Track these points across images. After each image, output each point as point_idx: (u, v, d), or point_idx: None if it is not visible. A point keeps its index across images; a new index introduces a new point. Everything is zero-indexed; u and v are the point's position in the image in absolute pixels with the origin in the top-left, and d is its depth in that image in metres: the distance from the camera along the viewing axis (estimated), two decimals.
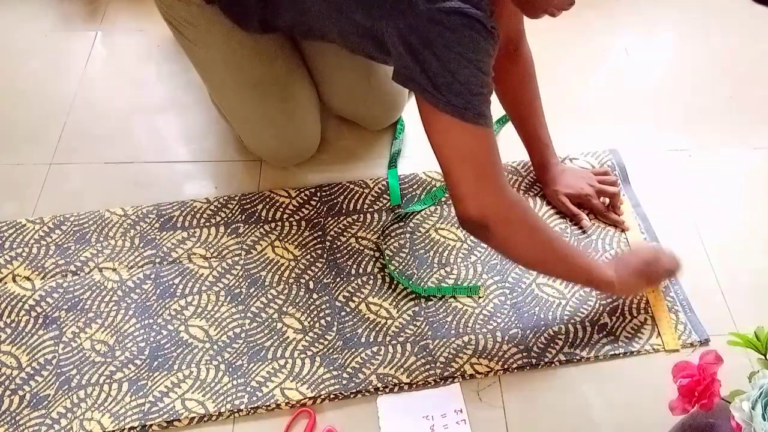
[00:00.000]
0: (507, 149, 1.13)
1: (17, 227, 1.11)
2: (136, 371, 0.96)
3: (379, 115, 1.24)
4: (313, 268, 1.07)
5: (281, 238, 1.11)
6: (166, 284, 1.05)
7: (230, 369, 0.97)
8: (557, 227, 1.11)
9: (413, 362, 0.97)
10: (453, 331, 1.00)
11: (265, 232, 1.11)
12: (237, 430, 0.93)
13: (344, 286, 1.05)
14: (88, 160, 1.23)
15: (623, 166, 1.20)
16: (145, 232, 1.11)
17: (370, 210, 1.14)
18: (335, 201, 1.15)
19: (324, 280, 1.06)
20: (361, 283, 1.05)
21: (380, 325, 1.01)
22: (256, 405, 0.93)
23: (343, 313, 1.02)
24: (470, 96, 0.79)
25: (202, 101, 1.31)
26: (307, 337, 1.00)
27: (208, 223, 1.12)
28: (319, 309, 1.03)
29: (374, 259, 1.08)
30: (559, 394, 0.95)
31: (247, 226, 1.12)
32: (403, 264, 1.08)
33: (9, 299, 1.03)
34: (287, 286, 1.05)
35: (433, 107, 0.80)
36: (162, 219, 1.13)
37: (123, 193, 1.17)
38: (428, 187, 1.17)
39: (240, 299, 1.04)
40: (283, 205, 1.14)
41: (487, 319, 1.01)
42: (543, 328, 1.00)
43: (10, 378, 0.96)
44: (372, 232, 1.11)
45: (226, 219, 1.13)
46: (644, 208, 1.14)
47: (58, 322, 1.01)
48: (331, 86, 1.19)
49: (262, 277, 1.06)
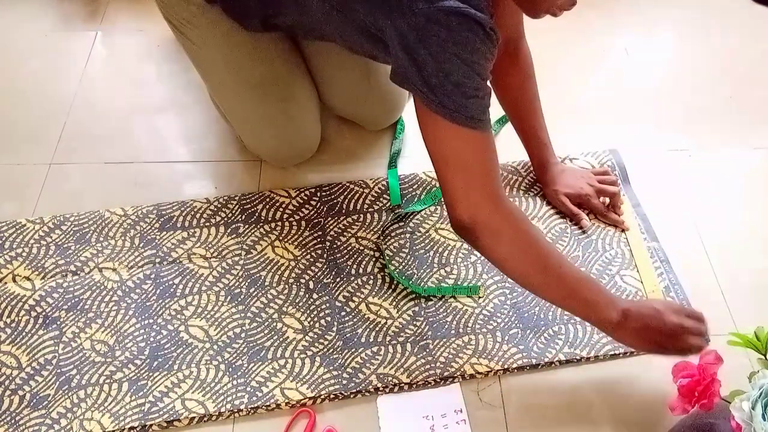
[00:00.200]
0: (507, 149, 1.14)
1: (17, 227, 1.11)
2: (136, 371, 0.96)
3: (379, 115, 1.24)
4: (313, 268, 1.07)
5: (281, 238, 1.11)
6: (166, 284, 1.05)
7: (230, 369, 0.97)
8: (557, 227, 1.11)
9: (413, 362, 0.97)
10: (453, 331, 1.00)
11: (265, 232, 1.11)
12: (237, 430, 0.93)
13: (344, 286, 1.05)
14: (88, 160, 1.23)
15: (623, 166, 1.20)
16: (145, 232, 1.11)
17: (370, 210, 1.14)
18: (335, 201, 1.15)
19: (324, 280, 1.06)
20: (361, 283, 1.05)
21: (380, 325, 1.01)
22: (256, 405, 0.93)
23: (343, 313, 1.02)
24: (464, 99, 0.78)
25: (202, 101, 1.31)
26: (307, 337, 1.00)
27: (208, 223, 1.12)
28: (319, 309, 1.03)
29: (374, 259, 1.08)
30: (559, 394, 0.95)
31: (247, 226, 1.12)
32: (403, 264, 1.08)
33: (9, 299, 1.03)
34: (287, 286, 1.05)
35: (427, 108, 0.79)
36: (162, 219, 1.13)
37: (123, 193, 1.17)
38: (428, 187, 1.17)
39: (240, 299, 1.04)
40: (283, 205, 1.14)
41: (487, 319, 1.01)
42: (543, 328, 1.00)
43: (10, 378, 0.96)
44: (372, 232, 1.11)
45: (226, 219, 1.13)
46: (644, 208, 1.14)
47: (58, 322, 1.01)
48: (331, 86, 1.19)
49: (262, 277, 1.06)
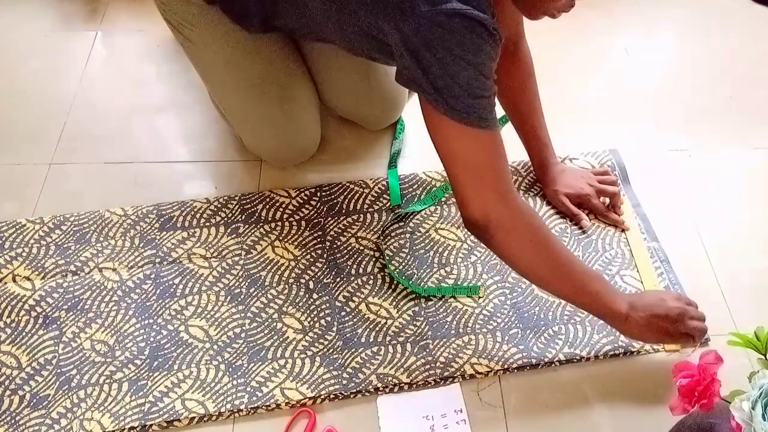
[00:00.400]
0: (507, 149, 1.13)
1: (17, 227, 1.11)
2: (136, 371, 0.96)
3: (379, 116, 1.24)
4: (313, 268, 1.07)
5: (281, 238, 1.11)
6: (166, 284, 1.05)
7: (230, 369, 0.97)
8: (557, 227, 1.11)
9: (413, 362, 0.97)
10: (453, 331, 1.00)
11: (265, 232, 1.11)
12: (237, 430, 0.93)
13: (344, 286, 1.05)
14: (88, 160, 1.23)
15: (623, 166, 1.20)
16: (145, 232, 1.11)
17: (370, 210, 1.14)
18: (335, 201, 1.15)
19: (324, 280, 1.06)
20: (361, 283, 1.05)
21: (380, 325, 1.01)
22: (256, 405, 0.93)
23: (343, 313, 1.02)
24: (471, 99, 0.78)
25: (202, 101, 1.31)
26: (307, 337, 1.00)
27: (208, 223, 1.12)
28: (319, 309, 1.03)
29: (374, 259, 1.08)
30: (559, 394, 0.95)
31: (247, 226, 1.12)
32: (403, 264, 1.08)
33: (9, 299, 1.03)
34: (287, 286, 1.05)
35: (434, 110, 0.80)
36: (162, 219, 1.13)
37: (123, 193, 1.17)
38: (428, 187, 1.17)
39: (240, 299, 1.04)
40: (283, 205, 1.14)
41: (487, 319, 1.01)
42: (543, 328, 1.00)
43: (10, 378, 0.96)
44: (372, 232, 1.11)
45: (226, 219, 1.13)
46: (644, 208, 1.14)
47: (58, 322, 1.01)
48: (331, 86, 1.19)
49: (262, 277, 1.06)
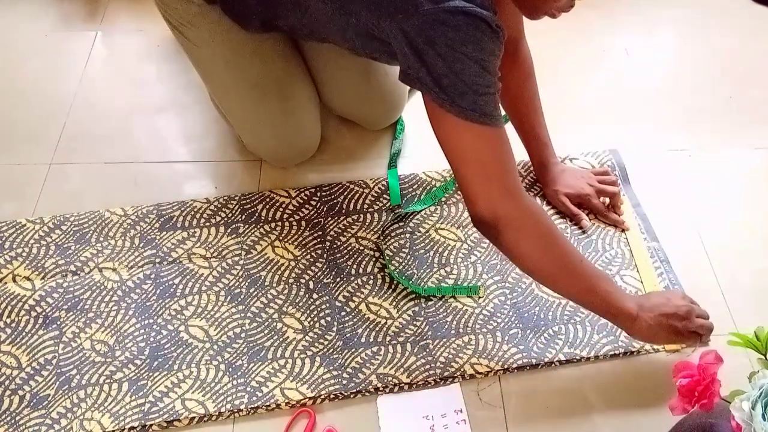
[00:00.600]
0: None
1: (17, 227, 1.11)
2: (136, 371, 0.96)
3: (379, 115, 1.24)
4: (313, 268, 1.07)
5: (281, 238, 1.11)
6: (166, 284, 1.05)
7: (230, 369, 0.97)
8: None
9: (413, 362, 0.97)
10: (453, 331, 1.00)
11: (265, 232, 1.11)
12: (237, 430, 0.93)
13: (344, 286, 1.05)
14: (88, 160, 1.23)
15: (623, 166, 1.20)
16: (145, 232, 1.11)
17: (370, 210, 1.14)
18: (335, 201, 1.15)
19: (324, 280, 1.06)
20: (361, 283, 1.05)
21: (380, 325, 1.01)
22: (256, 405, 0.93)
23: (343, 313, 1.02)
24: (476, 96, 0.78)
25: (202, 101, 1.31)
26: (307, 337, 1.00)
27: (208, 223, 1.12)
28: (319, 309, 1.03)
29: (374, 259, 1.08)
30: (559, 394, 0.95)
31: (247, 226, 1.12)
32: (403, 264, 1.08)
33: (9, 299, 1.03)
34: (287, 286, 1.05)
35: (439, 107, 0.80)
36: (162, 219, 1.13)
37: (123, 193, 1.17)
38: (428, 187, 1.17)
39: (240, 299, 1.04)
40: (283, 205, 1.14)
41: (487, 319, 1.01)
42: (543, 328, 1.00)
43: (10, 378, 0.96)
44: (372, 232, 1.11)
45: (226, 219, 1.13)
46: (644, 208, 1.14)
47: (58, 322, 1.01)
48: (331, 86, 1.19)
49: (262, 277, 1.06)
